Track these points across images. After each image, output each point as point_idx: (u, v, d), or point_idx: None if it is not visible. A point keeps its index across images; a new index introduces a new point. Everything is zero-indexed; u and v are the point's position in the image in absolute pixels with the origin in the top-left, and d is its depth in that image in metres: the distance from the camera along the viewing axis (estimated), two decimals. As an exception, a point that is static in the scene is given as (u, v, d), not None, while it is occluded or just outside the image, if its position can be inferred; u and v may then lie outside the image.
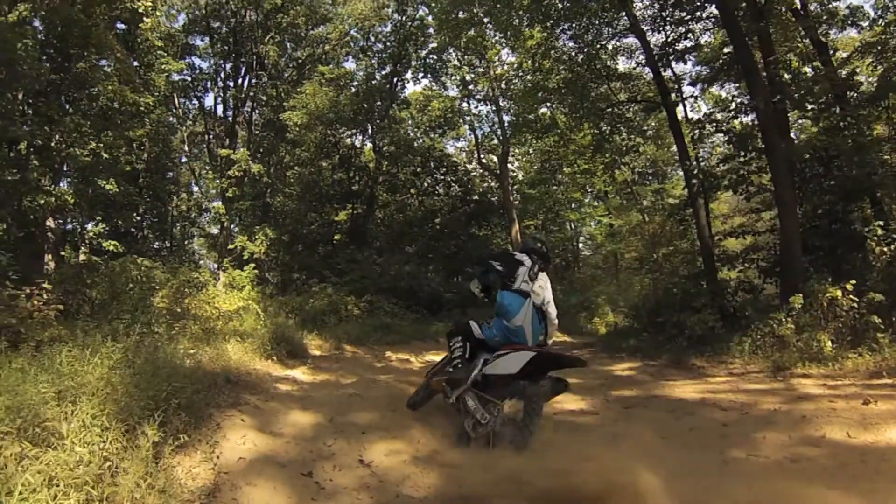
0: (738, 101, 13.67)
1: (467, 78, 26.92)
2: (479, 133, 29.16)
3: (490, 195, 27.53)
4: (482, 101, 27.82)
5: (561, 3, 16.51)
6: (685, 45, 15.03)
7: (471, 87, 27.34)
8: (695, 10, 14.48)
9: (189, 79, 25.47)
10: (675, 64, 15.70)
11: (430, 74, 26.21)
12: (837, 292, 8.83)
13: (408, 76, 25.83)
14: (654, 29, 15.78)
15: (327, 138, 23.33)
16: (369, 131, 24.48)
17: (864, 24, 12.90)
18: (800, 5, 12.41)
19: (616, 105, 17.95)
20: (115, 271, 10.19)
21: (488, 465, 4.24)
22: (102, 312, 8.22)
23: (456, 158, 28.85)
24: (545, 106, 21.42)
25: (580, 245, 35.94)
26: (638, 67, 17.80)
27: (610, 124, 18.19)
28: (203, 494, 3.54)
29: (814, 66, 13.10)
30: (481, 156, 29.46)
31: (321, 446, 4.70)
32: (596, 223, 33.34)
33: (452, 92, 27.65)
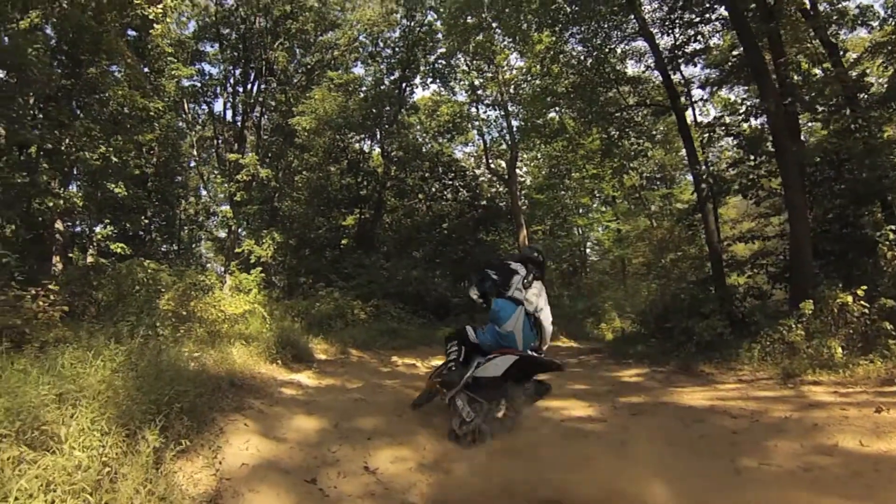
0: (749, 104, 13.57)
1: (476, 83, 26.90)
2: (487, 138, 29.20)
3: (498, 200, 27.43)
4: (491, 106, 27.87)
5: (569, 8, 16.49)
6: (694, 47, 14.96)
7: (479, 91, 27.33)
8: (704, 12, 14.40)
9: (199, 84, 25.62)
10: (684, 67, 15.66)
11: (438, 79, 26.23)
12: (848, 298, 8.73)
13: (416, 81, 25.79)
14: (663, 32, 15.73)
15: (336, 143, 23.34)
16: (378, 136, 24.46)
17: (874, 24, 12.77)
18: (809, 5, 12.28)
19: (625, 109, 17.87)
20: (121, 273, 10.20)
21: (494, 472, 4.18)
22: (108, 314, 8.21)
23: (464, 163, 28.83)
24: (554, 110, 21.42)
25: (588, 250, 35.81)
26: (647, 71, 17.77)
27: (619, 129, 18.11)
28: (204, 501, 3.47)
29: (823, 67, 12.98)
30: (490, 161, 29.43)
31: (326, 452, 4.63)
32: (604, 228, 33.24)
33: (461, 97, 27.74)
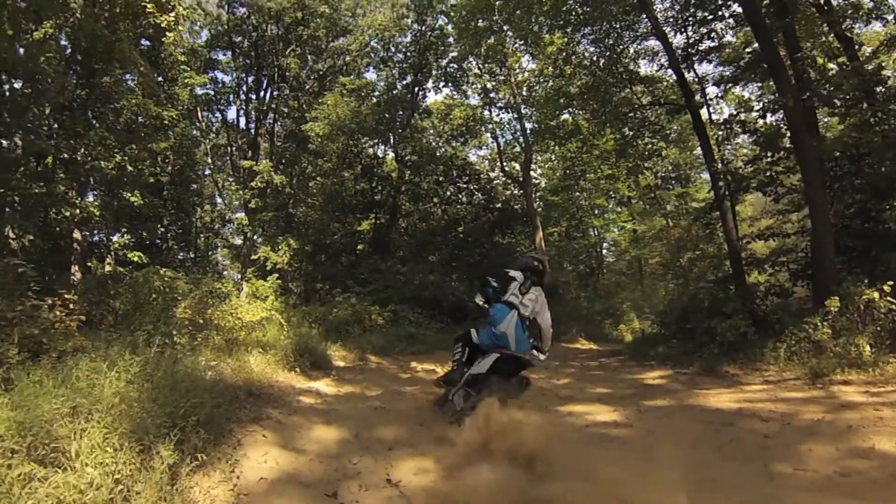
0: (766, 101, 13.38)
1: (488, 86, 26.79)
2: (501, 141, 28.97)
3: (513, 203, 27.29)
4: (504, 109, 27.67)
5: (581, 8, 16.37)
6: (708, 45, 14.77)
7: (492, 94, 27.20)
8: (717, 9, 14.21)
9: (212, 92, 25.75)
10: (697, 65, 15.47)
11: (450, 83, 26.06)
12: (874, 294, 8.53)
13: (429, 85, 25.65)
14: (676, 30, 15.53)
15: (349, 148, 23.33)
16: (391, 141, 24.42)
17: (889, 18, 12.60)
18: (823, 0, 12.09)
19: (639, 109, 17.69)
20: (138, 282, 10.19)
21: (519, 485, 4.06)
22: (125, 323, 8.20)
23: (478, 167, 28.66)
24: (567, 112, 21.26)
25: (604, 251, 35.58)
26: (661, 70, 17.57)
27: (633, 128, 17.94)
28: (221, 519, 3.40)
29: (839, 62, 12.77)
30: (504, 163, 29.25)
31: (346, 464, 4.55)
32: (619, 229, 33.00)
33: (474, 100, 27.55)
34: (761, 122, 13.52)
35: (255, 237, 24.19)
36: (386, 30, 24.22)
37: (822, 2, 12.07)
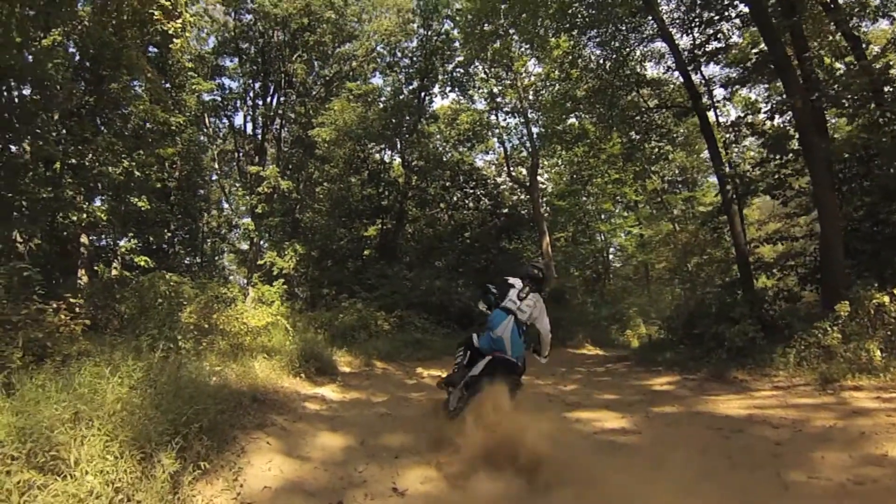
0: (774, 102, 13.27)
1: (495, 90, 26.81)
2: (507, 146, 29.03)
3: (520, 208, 27.30)
4: (510, 114, 27.72)
5: (586, 11, 16.32)
6: (715, 46, 14.67)
7: (498, 99, 27.23)
8: (723, 10, 14.13)
9: (219, 98, 26.01)
10: (704, 67, 15.37)
11: (457, 88, 26.12)
12: (885, 298, 8.41)
13: (435, 90, 25.66)
14: (683, 32, 15.46)
15: (356, 154, 23.38)
16: (398, 146, 24.46)
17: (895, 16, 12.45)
18: (829, -1, 12.00)
19: (646, 112, 17.63)
20: (143, 286, 10.16)
21: (527, 494, 4.00)
22: (131, 327, 8.18)
23: (485, 172, 28.69)
24: (574, 116, 21.22)
25: (611, 256, 35.48)
26: (667, 73, 17.51)
27: (640, 132, 17.87)
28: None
29: (846, 61, 12.65)
30: (511, 168, 29.24)
31: (352, 472, 4.50)
32: (626, 234, 32.91)
33: (480, 105, 27.63)
34: (769, 123, 13.41)
35: (261, 242, 24.24)
36: (392, 35, 24.30)
37: (828, 0, 11.98)
